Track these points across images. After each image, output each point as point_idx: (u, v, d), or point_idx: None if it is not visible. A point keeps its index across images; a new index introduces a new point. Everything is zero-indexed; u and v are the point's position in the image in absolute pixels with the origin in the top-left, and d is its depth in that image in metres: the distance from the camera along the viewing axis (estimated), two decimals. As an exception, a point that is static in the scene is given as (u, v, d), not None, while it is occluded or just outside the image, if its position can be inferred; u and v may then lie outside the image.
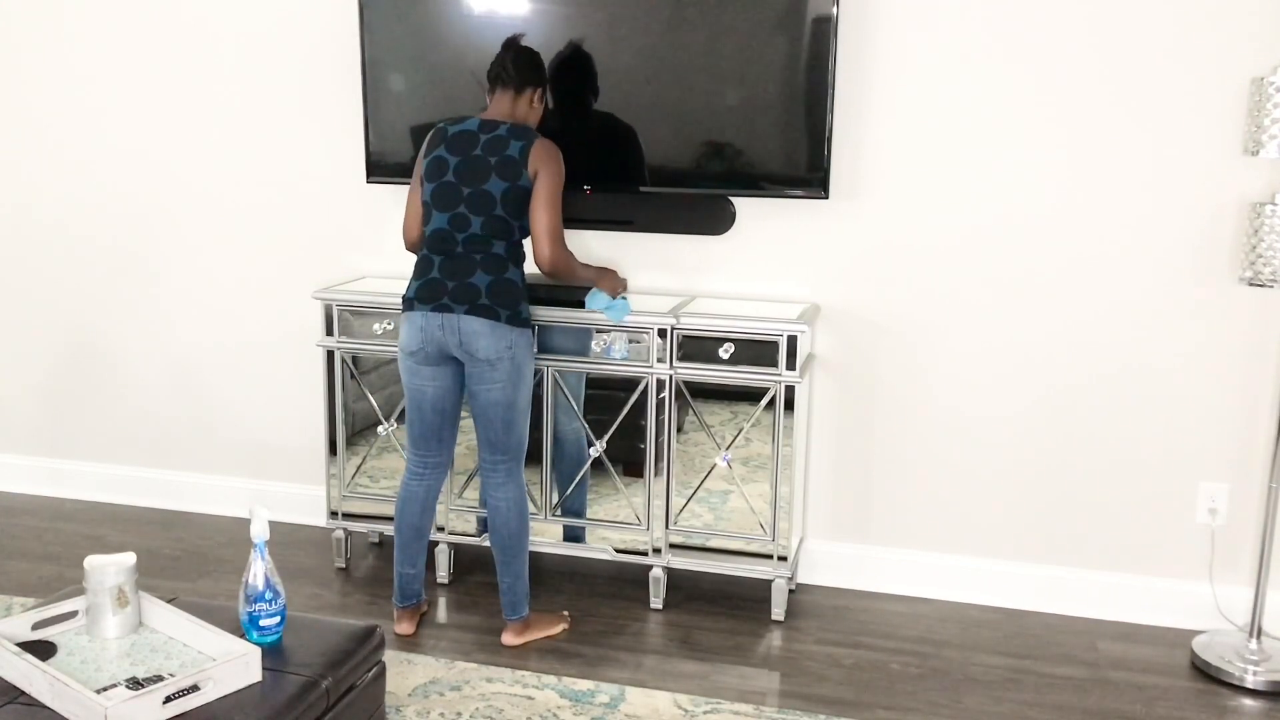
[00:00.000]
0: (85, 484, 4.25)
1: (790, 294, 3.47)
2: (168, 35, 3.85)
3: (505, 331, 2.94)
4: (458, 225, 2.96)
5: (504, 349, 2.94)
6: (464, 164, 2.96)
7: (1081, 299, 3.27)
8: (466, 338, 2.93)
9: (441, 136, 3.02)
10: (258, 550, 2.20)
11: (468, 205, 2.95)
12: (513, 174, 2.94)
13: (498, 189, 2.94)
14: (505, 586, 3.11)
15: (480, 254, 2.95)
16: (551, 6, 3.38)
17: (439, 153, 3.00)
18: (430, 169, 3.01)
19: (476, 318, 2.92)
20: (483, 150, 2.96)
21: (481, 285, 2.93)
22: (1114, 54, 3.14)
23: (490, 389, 2.97)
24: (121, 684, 2.02)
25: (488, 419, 3.01)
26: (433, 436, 3.09)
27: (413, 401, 3.07)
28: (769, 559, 3.28)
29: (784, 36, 3.24)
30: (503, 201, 2.95)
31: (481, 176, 2.95)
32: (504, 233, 2.97)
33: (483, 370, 2.95)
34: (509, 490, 3.06)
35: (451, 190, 2.96)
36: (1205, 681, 3.03)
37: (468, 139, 2.98)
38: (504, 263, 2.97)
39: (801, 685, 2.97)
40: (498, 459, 3.05)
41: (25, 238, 4.15)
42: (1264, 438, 3.19)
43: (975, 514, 3.45)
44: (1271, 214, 2.90)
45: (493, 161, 2.94)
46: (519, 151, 2.94)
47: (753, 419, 3.23)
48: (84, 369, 4.19)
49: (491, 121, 3.01)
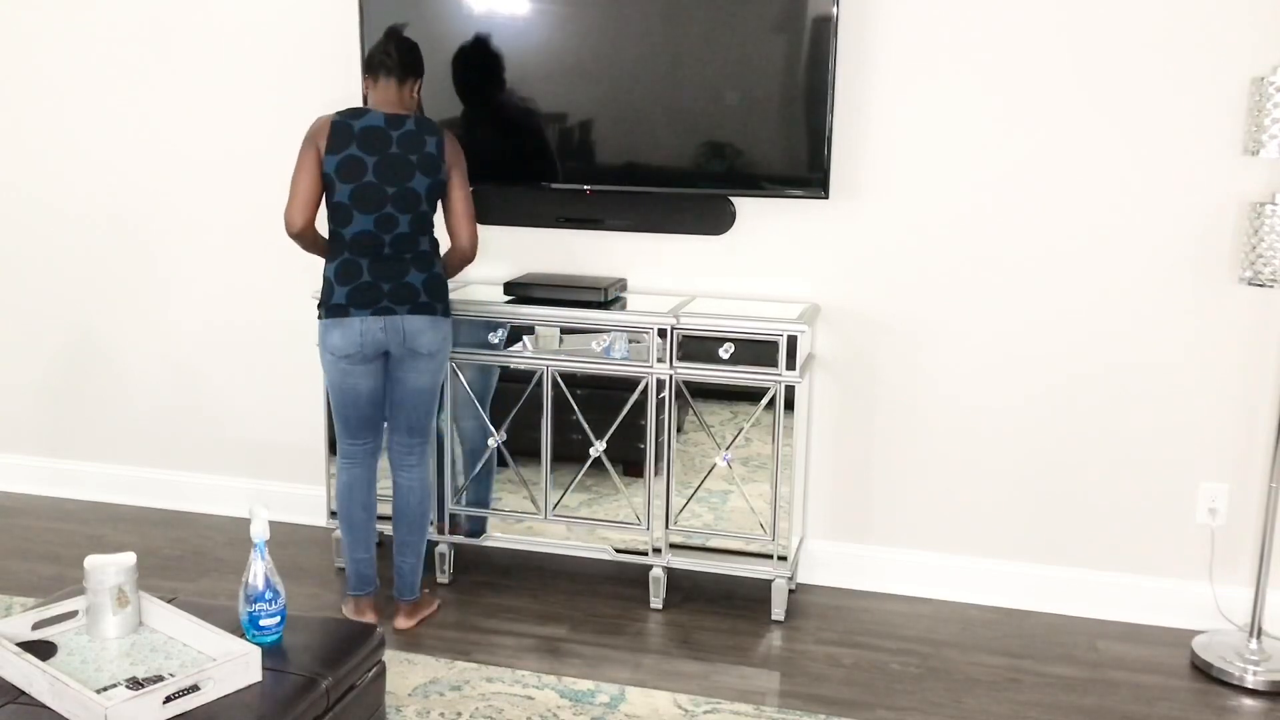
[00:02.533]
0: (85, 484, 4.25)
1: (790, 294, 3.47)
2: (168, 34, 3.85)
3: (442, 325, 3.07)
4: (384, 226, 2.97)
5: (441, 341, 3.07)
6: (383, 163, 2.95)
7: (1081, 299, 3.27)
8: (411, 336, 3.00)
9: (347, 133, 2.95)
10: (258, 550, 2.20)
11: (394, 205, 2.96)
12: (434, 169, 2.99)
13: (421, 186, 2.98)
14: (407, 567, 3.19)
15: (409, 253, 3.01)
16: (551, 6, 3.38)
17: (352, 152, 2.94)
18: (343, 170, 2.94)
19: (419, 316, 3.00)
20: (399, 148, 2.96)
21: (418, 284, 3.00)
22: (1114, 54, 3.14)
23: (420, 377, 3.08)
24: (121, 684, 2.02)
25: (413, 405, 3.11)
26: (369, 425, 3.16)
27: (347, 399, 3.10)
28: (769, 559, 3.28)
29: (784, 36, 3.24)
30: (427, 197, 3.00)
31: (405, 175, 2.96)
32: (427, 228, 3.04)
33: (422, 363, 3.05)
34: (421, 471, 3.17)
35: (374, 191, 2.95)
36: (1205, 681, 3.03)
37: (379, 136, 2.96)
38: (431, 259, 3.05)
39: (801, 685, 2.97)
40: (415, 442, 3.15)
41: (25, 237, 4.15)
42: (1264, 438, 3.19)
43: (975, 514, 3.45)
44: (1271, 214, 2.90)
45: (414, 159, 2.96)
46: (436, 147, 2.99)
47: (753, 419, 3.23)
48: (84, 369, 4.19)
49: (395, 116, 2.99)
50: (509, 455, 3.43)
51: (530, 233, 3.65)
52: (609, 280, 3.44)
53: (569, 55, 3.40)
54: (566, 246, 3.63)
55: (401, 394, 3.08)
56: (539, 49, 3.41)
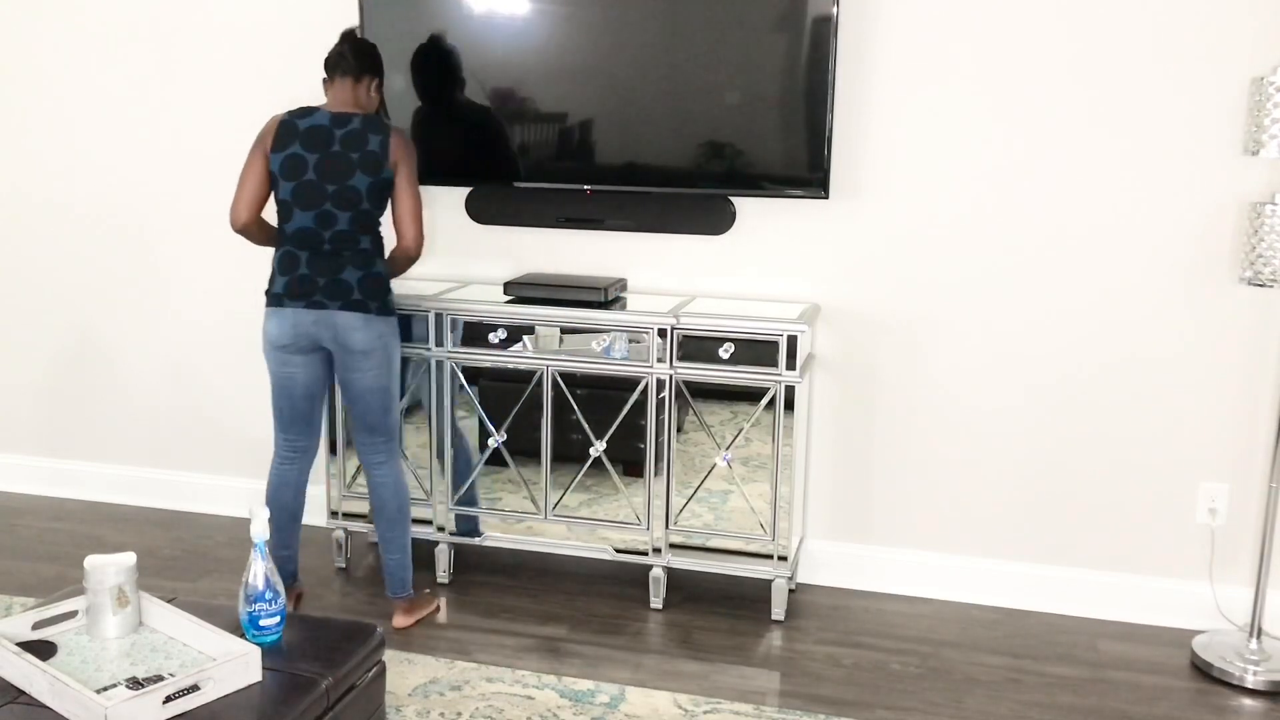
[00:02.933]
0: (85, 484, 4.25)
1: (790, 294, 3.47)
2: (168, 35, 3.85)
3: (377, 323, 3.04)
4: (324, 223, 2.99)
5: (375, 339, 3.04)
6: (324, 161, 2.98)
7: (1081, 299, 3.27)
8: (341, 332, 3.01)
9: (292, 132, 3.01)
10: (258, 550, 2.20)
11: (333, 202, 2.98)
12: (375, 168, 2.99)
13: (362, 184, 2.98)
14: (394, 564, 3.21)
15: (348, 250, 3.01)
16: (551, 6, 3.38)
17: (294, 150, 2.99)
18: (286, 167, 3.00)
19: (350, 313, 3.00)
20: (341, 146, 2.98)
21: (352, 281, 3.00)
22: (1114, 54, 3.14)
23: (364, 376, 3.07)
24: (121, 684, 2.02)
25: (366, 405, 3.11)
26: (303, 421, 3.17)
27: (283, 389, 3.13)
28: (769, 559, 3.28)
29: (784, 36, 3.24)
30: (368, 196, 3.00)
31: (345, 174, 2.97)
32: (369, 226, 3.04)
33: (357, 360, 3.04)
34: (391, 467, 3.18)
35: (314, 189, 2.98)
36: (1205, 681, 3.03)
37: (322, 134, 2.99)
38: (371, 257, 3.04)
39: (801, 685, 2.97)
40: (377, 440, 3.16)
41: (25, 238, 4.15)
42: (1264, 438, 3.19)
43: (975, 514, 3.45)
44: (1271, 214, 2.90)
45: (354, 157, 2.97)
46: (379, 145, 2.99)
47: (753, 419, 3.23)
48: (84, 369, 4.19)
49: (342, 115, 3.02)
50: (509, 455, 3.43)
51: (530, 233, 3.65)
52: (609, 280, 3.44)
53: (569, 55, 3.40)
54: (566, 246, 3.63)
55: (351, 394, 3.11)
56: (539, 49, 3.41)
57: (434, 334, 3.40)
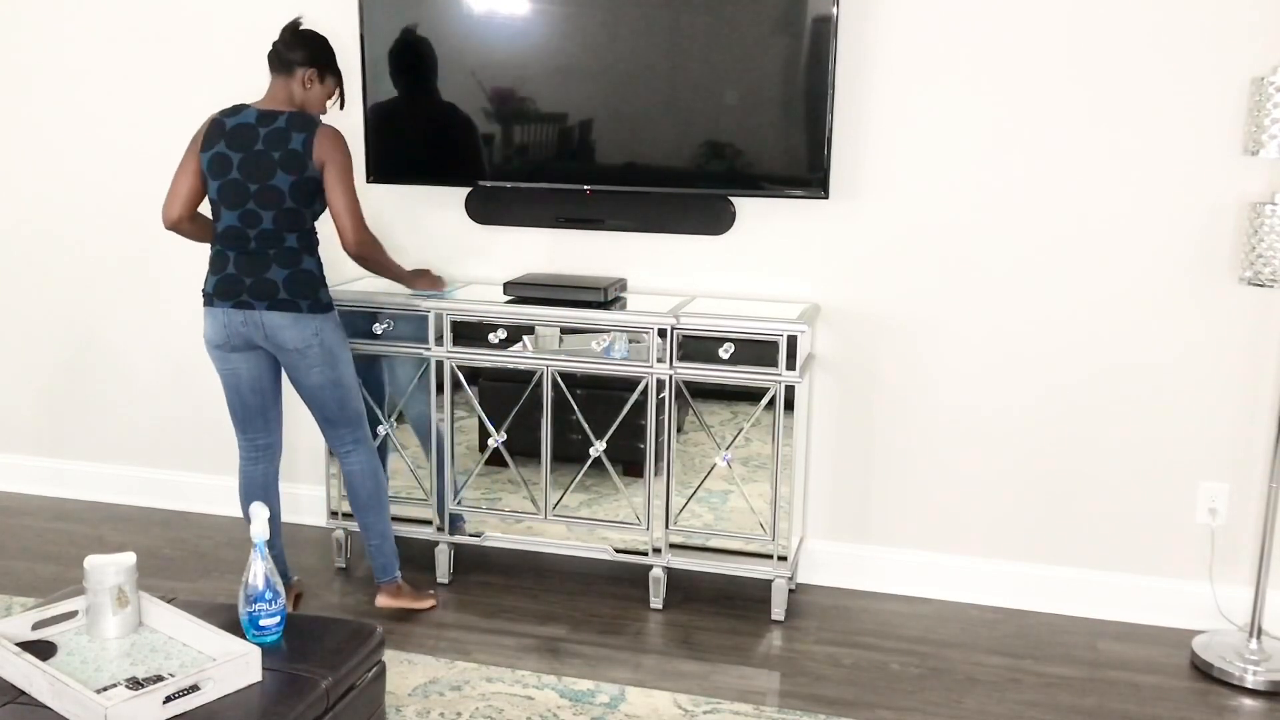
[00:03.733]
0: (85, 484, 4.25)
1: (790, 294, 3.47)
2: (167, 36, 3.86)
3: (308, 320, 3.00)
4: (248, 222, 2.97)
5: (310, 336, 3.01)
6: (247, 160, 2.96)
7: (1081, 299, 3.27)
8: (271, 332, 2.99)
9: (220, 130, 2.99)
10: (258, 550, 2.20)
11: (256, 201, 2.96)
12: (298, 167, 2.94)
13: (284, 183, 2.95)
14: (374, 548, 3.25)
15: (274, 249, 2.98)
16: (551, 6, 3.38)
17: (220, 149, 2.98)
18: (213, 166, 2.99)
19: (277, 312, 2.98)
20: (264, 145, 2.95)
21: (278, 280, 2.97)
22: (1115, 54, 3.14)
23: (308, 374, 3.05)
24: (121, 684, 2.02)
25: (319, 401, 3.10)
26: (257, 417, 3.17)
27: (230, 387, 3.13)
28: (769, 559, 3.28)
29: (784, 36, 3.24)
30: (291, 195, 2.96)
31: (266, 172, 2.94)
32: (295, 224, 2.99)
33: (295, 359, 3.03)
34: (359, 455, 3.19)
35: (238, 188, 2.96)
36: (1205, 681, 3.03)
37: (247, 133, 2.97)
38: (298, 254, 3.00)
39: (801, 685, 2.97)
40: (341, 432, 3.17)
41: (26, 238, 4.15)
42: (1264, 438, 3.19)
43: (975, 514, 3.45)
44: (1271, 214, 2.90)
45: (276, 156, 2.94)
46: (302, 144, 2.94)
47: (753, 419, 3.23)
48: (84, 369, 4.19)
49: (270, 112, 2.99)
50: (508, 455, 3.43)
51: (530, 233, 3.65)
52: (609, 280, 3.44)
53: (569, 55, 3.40)
54: (566, 246, 3.63)
55: (303, 394, 3.11)
56: (539, 49, 3.41)
57: (433, 334, 3.40)
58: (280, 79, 3.04)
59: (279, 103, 3.02)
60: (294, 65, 3.02)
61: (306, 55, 3.04)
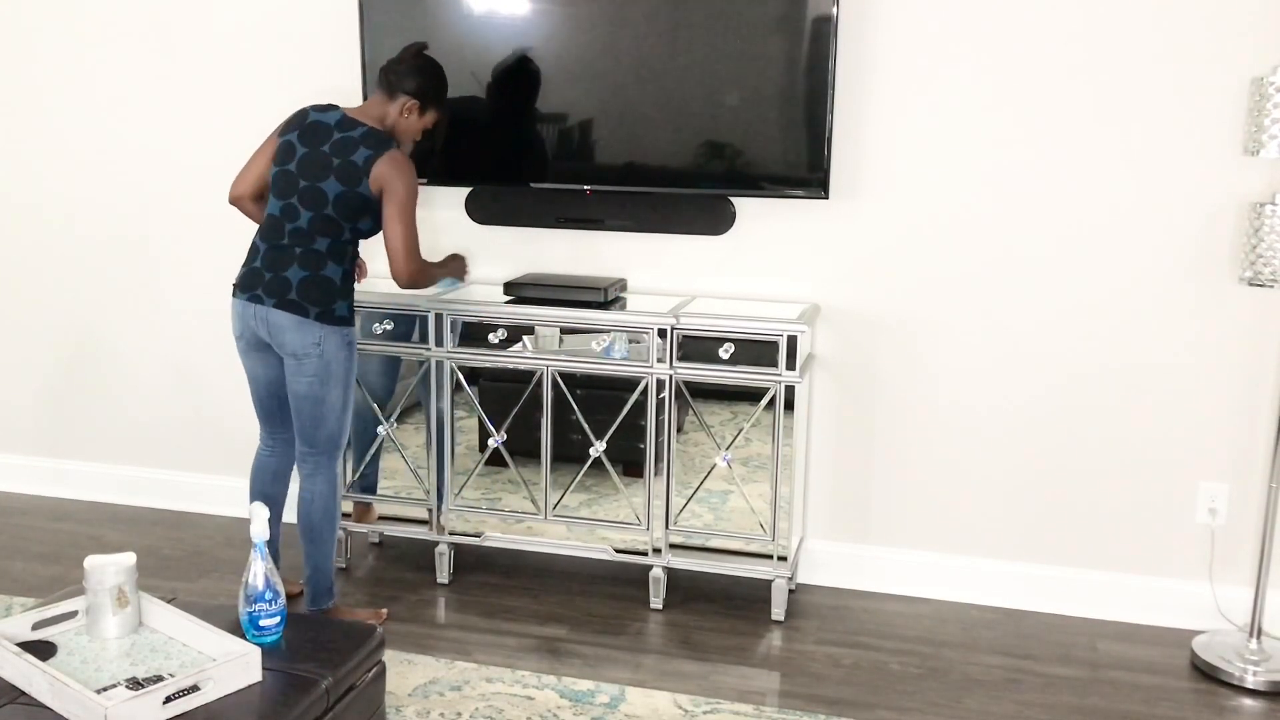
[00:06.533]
0: (85, 484, 4.25)
1: (790, 294, 3.47)
2: (169, 35, 3.85)
3: (312, 328, 2.93)
4: (288, 215, 2.96)
5: (310, 345, 2.94)
6: (309, 156, 2.95)
7: (1081, 299, 3.27)
8: (274, 330, 2.96)
9: (301, 121, 3.01)
10: (258, 550, 2.20)
11: (300, 198, 2.95)
12: (351, 180, 2.91)
13: (332, 190, 2.92)
14: (306, 576, 3.14)
15: (301, 248, 2.94)
16: (552, 6, 3.38)
17: (291, 138, 2.99)
18: (280, 152, 3.00)
19: (283, 312, 2.93)
20: (331, 148, 2.94)
21: (294, 280, 2.93)
22: (1113, 54, 3.14)
23: (298, 381, 2.99)
24: (121, 684, 2.02)
25: (298, 410, 3.04)
26: (275, 417, 3.17)
27: (251, 383, 3.14)
28: (769, 559, 3.28)
29: (784, 37, 3.24)
30: (335, 203, 2.93)
31: (320, 174, 2.93)
32: (331, 232, 2.95)
33: (291, 363, 2.99)
34: (316, 483, 3.07)
35: (290, 180, 2.96)
36: (1205, 681, 3.03)
37: (322, 132, 2.97)
38: (323, 259, 2.95)
39: (801, 685, 2.97)
40: (306, 450, 3.07)
41: (26, 238, 4.15)
42: (1264, 438, 3.19)
43: (975, 514, 3.45)
44: (1271, 214, 2.90)
45: (336, 163, 2.93)
46: (364, 160, 2.91)
47: (753, 419, 3.23)
48: (84, 369, 4.19)
49: (352, 120, 2.98)
50: (508, 455, 3.43)
51: (530, 233, 3.65)
52: (609, 280, 3.44)
53: (569, 55, 3.40)
54: (566, 246, 3.63)
55: (290, 397, 3.03)
56: (539, 49, 3.41)
57: (434, 334, 3.40)
58: (381, 95, 3.03)
59: (369, 117, 3.00)
60: (399, 91, 3.02)
61: (416, 86, 3.03)
